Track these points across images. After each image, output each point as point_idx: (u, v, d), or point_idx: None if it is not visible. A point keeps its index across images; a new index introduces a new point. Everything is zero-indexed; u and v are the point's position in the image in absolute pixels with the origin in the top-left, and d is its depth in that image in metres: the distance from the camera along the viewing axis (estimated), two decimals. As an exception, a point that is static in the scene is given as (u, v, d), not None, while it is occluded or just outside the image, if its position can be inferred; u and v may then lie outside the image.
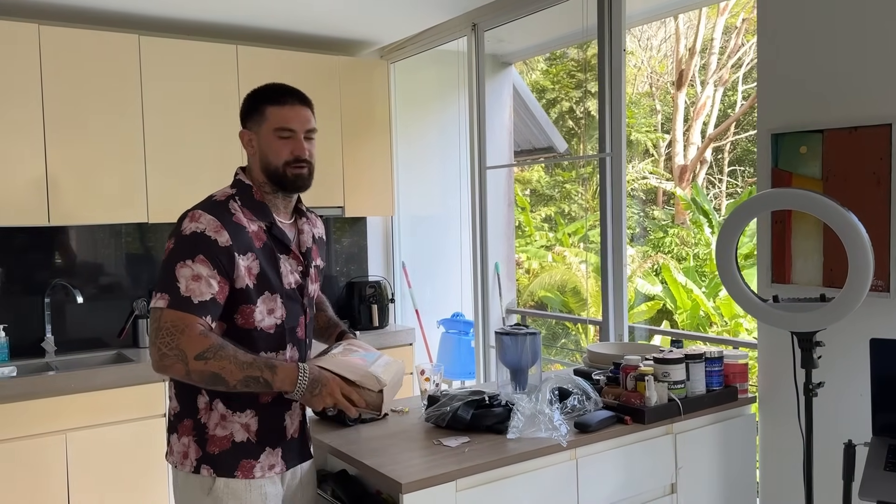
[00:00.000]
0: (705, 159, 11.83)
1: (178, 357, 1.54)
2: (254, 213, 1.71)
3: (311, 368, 1.65)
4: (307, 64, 4.02)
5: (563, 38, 4.38)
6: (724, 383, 2.33)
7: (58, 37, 3.35)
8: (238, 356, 1.57)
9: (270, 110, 1.71)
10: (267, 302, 1.68)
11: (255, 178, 1.76)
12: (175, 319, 1.56)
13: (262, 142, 1.72)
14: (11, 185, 3.27)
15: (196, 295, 1.57)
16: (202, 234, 1.60)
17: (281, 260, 1.73)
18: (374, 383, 1.69)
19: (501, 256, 4.54)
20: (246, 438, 1.68)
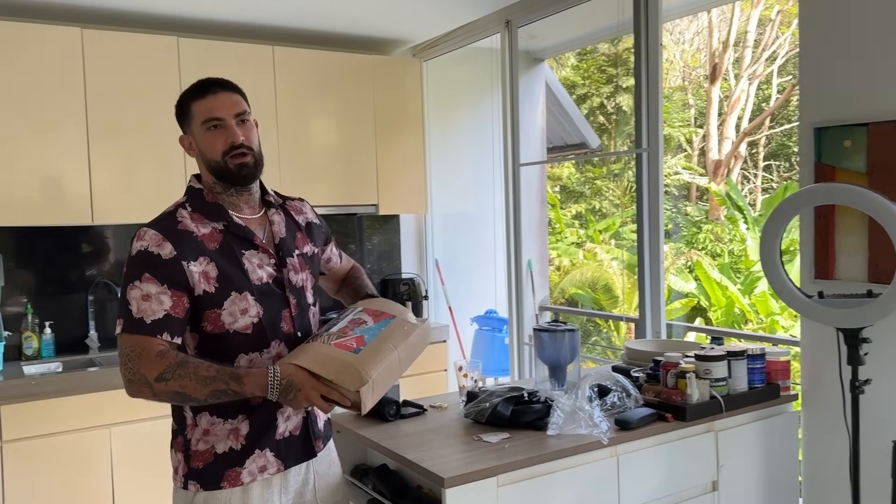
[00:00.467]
0: (740, 154, 11.66)
1: (142, 382, 1.50)
2: (206, 215, 1.64)
3: (285, 369, 1.53)
4: (341, 63, 4.06)
5: (597, 32, 4.35)
6: (766, 380, 2.31)
7: (100, 40, 3.42)
8: (199, 371, 1.50)
9: (194, 106, 1.64)
10: (236, 302, 1.61)
11: (205, 180, 1.69)
12: (133, 344, 1.52)
13: (198, 140, 1.65)
14: (56, 185, 3.35)
15: (148, 314, 1.52)
16: (146, 252, 1.55)
17: (245, 257, 1.65)
18: (352, 381, 1.51)
19: (534, 253, 4.53)
20: (229, 448, 1.63)
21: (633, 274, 8.78)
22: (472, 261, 4.78)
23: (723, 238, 10.44)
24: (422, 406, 2.25)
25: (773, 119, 12.16)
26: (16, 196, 3.27)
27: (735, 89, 11.59)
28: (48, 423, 3.12)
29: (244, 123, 1.66)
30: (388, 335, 1.64)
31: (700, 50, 12.88)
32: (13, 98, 3.25)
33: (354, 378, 1.51)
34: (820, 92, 2.33)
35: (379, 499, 1.96)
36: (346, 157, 4.09)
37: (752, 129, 11.82)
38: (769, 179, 12.43)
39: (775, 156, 12.48)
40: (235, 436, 1.63)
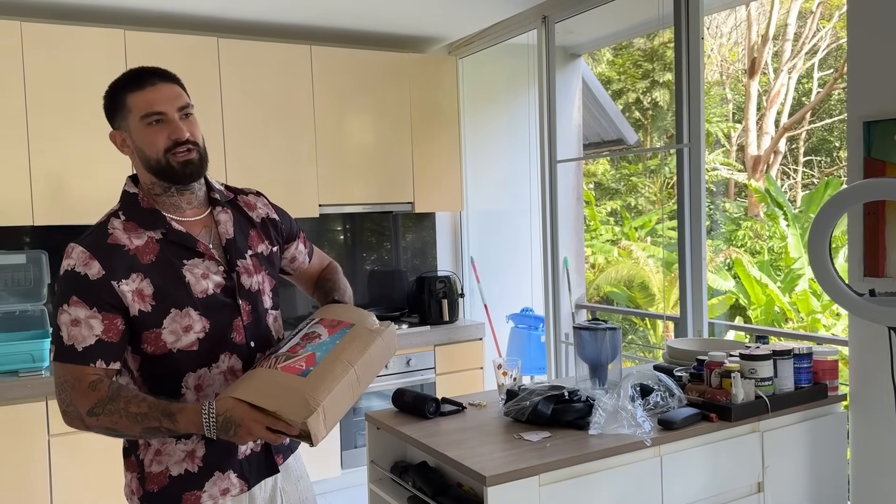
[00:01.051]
0: (779, 149, 11.44)
1: (75, 414, 1.40)
2: (142, 223, 1.50)
3: (221, 404, 1.38)
4: (378, 62, 4.07)
5: (636, 27, 4.30)
6: (813, 380, 2.26)
7: (142, 41, 3.48)
8: (130, 408, 1.38)
9: (131, 98, 1.49)
10: (177, 320, 1.46)
11: (142, 180, 1.54)
12: (65, 373, 1.41)
13: (135, 136, 1.49)
14: (100, 184, 3.42)
15: (79, 341, 1.40)
16: (72, 272, 1.43)
17: (186, 267, 1.50)
18: (297, 411, 1.34)
19: (570, 251, 4.50)
20: (185, 470, 1.51)
21: (670, 272, 8.69)
22: (508, 258, 4.76)
23: (762, 235, 10.26)
24: (461, 404, 2.24)
25: (814, 113, 11.91)
26: (61, 195, 3.34)
27: (774, 83, 11.38)
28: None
29: (188, 118, 1.52)
30: (343, 349, 1.46)
31: (738, 44, 12.66)
32: (58, 98, 3.32)
33: (301, 407, 1.34)
34: (869, 84, 2.27)
35: (419, 496, 1.96)
36: (381, 155, 4.10)
37: (792, 124, 11.60)
38: (810, 175, 12.19)
39: (816, 151, 12.24)
40: (191, 458, 1.51)
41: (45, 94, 3.29)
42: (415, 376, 4.00)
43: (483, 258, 4.75)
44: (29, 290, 3.46)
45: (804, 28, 11.33)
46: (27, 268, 3.47)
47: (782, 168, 11.94)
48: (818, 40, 11.42)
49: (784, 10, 11.06)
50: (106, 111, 1.55)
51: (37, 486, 3.09)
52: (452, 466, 1.83)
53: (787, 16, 11.06)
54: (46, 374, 3.16)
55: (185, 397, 1.50)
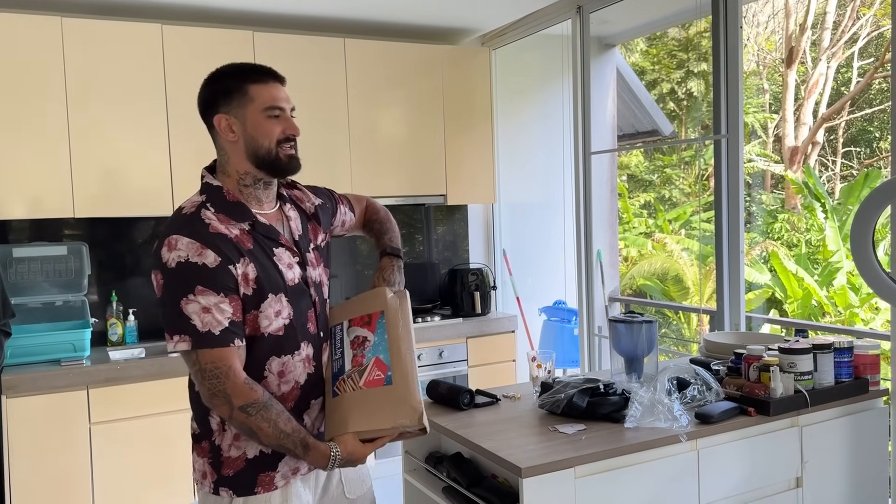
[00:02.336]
0: (817, 140, 11.21)
1: (225, 402, 1.47)
2: (230, 215, 1.56)
3: (343, 448, 1.53)
4: (411, 54, 4.07)
5: (672, 16, 4.24)
6: (853, 375, 2.21)
7: (179, 35, 3.52)
8: (279, 423, 1.49)
9: (255, 89, 1.57)
10: (272, 304, 1.55)
11: (233, 169, 1.60)
12: (213, 360, 1.47)
13: (249, 125, 1.57)
14: (139, 177, 3.48)
15: (215, 326, 1.46)
16: (188, 263, 1.46)
17: (277, 255, 1.59)
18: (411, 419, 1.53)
19: (604, 244, 4.46)
20: (259, 452, 1.58)
21: (705, 265, 8.57)
22: (540, 251, 4.74)
23: (799, 228, 10.07)
24: (495, 395, 2.24)
25: (854, 103, 11.65)
26: (101, 189, 3.41)
27: (813, 73, 11.14)
28: (133, 406, 3.25)
29: (294, 120, 1.63)
30: (397, 342, 1.59)
31: (775, 33, 12.42)
32: (98, 92, 3.38)
33: (411, 415, 1.53)
34: (916, 72, 2.21)
35: (454, 486, 1.97)
36: (414, 147, 4.11)
37: (831, 115, 11.35)
38: (848, 166, 11.94)
39: (855, 142, 11.98)
40: None
41: (86, 88, 3.35)
42: (447, 368, 4.01)
43: (515, 251, 4.73)
44: (70, 280, 3.54)
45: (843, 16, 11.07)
46: (68, 259, 3.55)
47: (820, 159, 11.70)
48: (858, 28, 11.16)
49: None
50: (213, 94, 1.60)
51: (78, 473, 3.16)
52: (487, 458, 1.83)
53: (826, 3, 10.82)
54: (87, 364, 3.23)
55: (268, 381, 1.57)
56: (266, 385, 1.56)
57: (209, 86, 1.62)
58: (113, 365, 3.24)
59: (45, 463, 3.11)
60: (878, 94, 11.60)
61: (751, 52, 12.39)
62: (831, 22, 11.01)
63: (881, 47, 11.14)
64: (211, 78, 1.63)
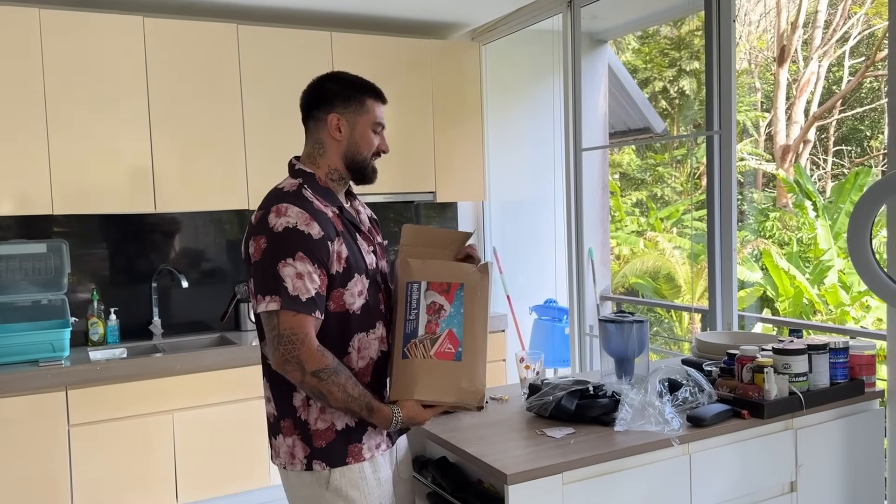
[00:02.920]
0: (809, 139, 11.20)
1: (298, 367, 1.57)
2: (324, 198, 1.70)
3: (406, 411, 1.66)
4: (399, 49, 4.00)
5: (664, 11, 4.19)
6: (849, 376, 2.16)
7: (161, 28, 3.45)
8: (347, 387, 1.59)
9: (373, 104, 1.75)
10: (357, 284, 1.67)
11: (325, 163, 1.75)
12: (293, 326, 1.56)
13: (358, 132, 1.73)
14: (120, 173, 3.40)
15: (303, 293, 1.57)
16: (295, 230, 1.58)
17: (359, 241, 1.73)
18: (473, 398, 1.66)
19: (595, 242, 4.41)
20: (345, 424, 1.67)
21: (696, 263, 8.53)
22: (531, 249, 4.69)
23: (790, 226, 10.06)
24: (482, 398, 2.18)
25: (845, 102, 11.66)
26: (81, 184, 3.33)
27: (804, 72, 11.13)
28: (114, 407, 3.18)
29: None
30: (472, 318, 1.68)
31: (766, 31, 12.41)
32: (77, 86, 3.30)
33: (475, 396, 1.65)
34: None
35: (439, 491, 1.91)
36: (403, 143, 4.04)
37: (822, 113, 11.35)
38: (840, 165, 11.94)
39: (846, 140, 11.99)
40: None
41: (64, 82, 3.27)
42: (436, 368, 3.94)
43: (506, 248, 4.67)
44: (49, 279, 3.46)
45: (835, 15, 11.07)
46: (48, 257, 3.47)
47: (812, 158, 11.70)
48: (849, 27, 11.16)
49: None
50: (335, 94, 1.74)
51: (57, 476, 3.09)
52: (472, 463, 1.77)
53: (818, 2, 10.82)
54: (67, 364, 3.15)
55: (350, 356, 1.68)
56: (348, 360, 1.67)
57: (331, 83, 1.76)
58: (93, 365, 3.17)
59: (22, 466, 3.03)
60: (869, 93, 11.61)
61: (742, 50, 12.37)
62: (823, 20, 11.01)
63: (872, 46, 11.15)
64: (335, 78, 1.77)
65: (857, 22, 11.18)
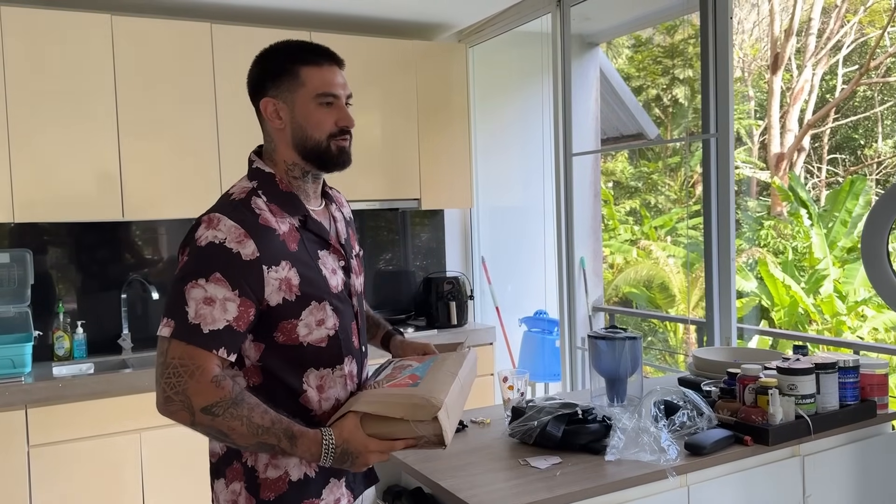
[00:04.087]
0: (803, 147, 11.11)
1: (184, 405, 1.26)
2: (282, 207, 1.41)
3: (339, 434, 1.32)
4: (382, 50, 3.85)
5: (658, 12, 4.04)
6: (860, 397, 2.00)
7: (130, 27, 3.28)
8: (253, 417, 1.28)
9: (307, 72, 1.40)
10: (314, 313, 1.39)
11: (280, 159, 1.45)
12: (183, 356, 1.26)
13: (299, 112, 1.41)
14: (86, 180, 3.22)
15: (207, 323, 1.27)
16: (221, 246, 1.30)
17: (320, 260, 1.43)
18: (425, 411, 1.31)
19: (587, 251, 4.25)
20: (304, 474, 1.40)
21: (691, 272, 8.40)
22: (521, 258, 4.53)
23: (785, 234, 9.94)
24: (462, 422, 2.01)
25: (839, 111, 11.59)
26: (44, 191, 3.15)
27: (798, 80, 11.05)
28: (77, 426, 3.00)
29: (349, 107, 1.47)
30: (441, 364, 1.48)
31: (760, 40, 12.34)
32: (39, 88, 3.13)
33: (426, 408, 1.31)
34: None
35: (413, 527, 1.73)
36: (387, 149, 3.88)
37: (816, 121, 11.27)
38: (834, 173, 11.87)
39: (840, 149, 11.92)
40: (308, 462, 1.41)
41: (26, 84, 3.10)
42: (420, 383, 3.77)
43: (495, 258, 4.51)
44: (12, 290, 3.28)
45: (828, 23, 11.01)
46: (11, 267, 3.29)
47: (806, 166, 11.62)
48: (843, 36, 11.10)
49: (808, 5, 10.76)
50: (262, 75, 1.44)
51: (15, 500, 2.90)
52: (448, 498, 1.60)
53: (811, 10, 10.75)
54: (28, 381, 2.97)
55: (308, 395, 1.41)
56: (306, 400, 1.41)
57: (258, 64, 1.45)
58: (55, 382, 2.99)
59: (-25, 491, 2.85)
60: (863, 102, 11.55)
61: (736, 58, 12.30)
62: (816, 29, 10.95)
63: (865, 54, 11.09)
64: (261, 56, 1.45)
65: (850, 30, 11.12)
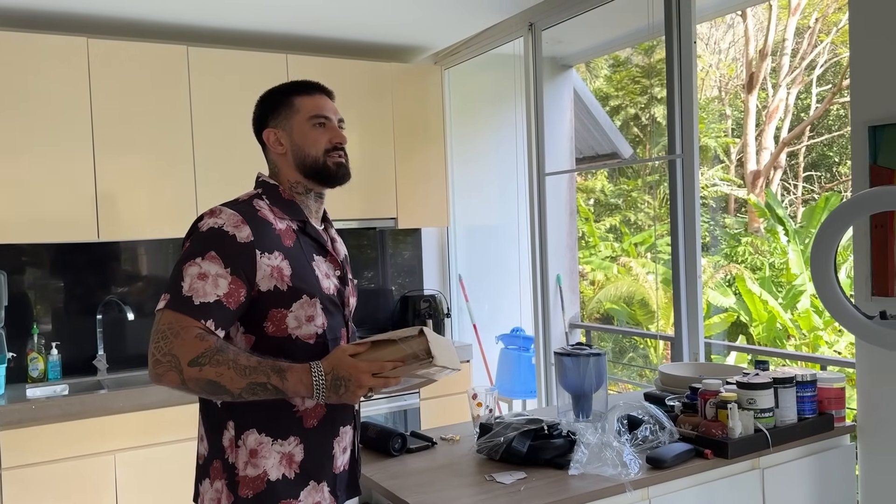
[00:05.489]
0: (779, 164, 11.29)
1: (171, 364, 1.34)
2: (283, 210, 1.55)
3: (327, 362, 1.39)
4: (359, 72, 3.90)
5: (627, 36, 4.14)
6: (817, 410, 2.05)
7: (106, 50, 3.31)
8: (239, 360, 1.35)
9: (300, 100, 1.59)
10: (304, 307, 1.47)
11: (285, 178, 1.60)
12: (172, 322, 1.36)
13: (296, 135, 1.58)
14: (62, 200, 3.24)
15: (198, 295, 1.37)
16: (219, 230, 1.42)
17: (316, 262, 1.54)
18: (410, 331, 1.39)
19: (564, 268, 4.31)
20: (282, 475, 1.45)
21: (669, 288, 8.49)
22: (498, 276, 4.57)
23: (762, 251, 10.07)
24: (431, 439, 2.04)
25: (813, 129, 11.79)
26: (20, 212, 3.16)
27: (773, 99, 11.25)
28: (50, 449, 2.98)
29: (343, 129, 1.64)
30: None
31: (736, 60, 12.56)
32: (17, 110, 3.15)
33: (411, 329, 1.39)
34: (875, 86, 2.09)
35: (381, 544, 1.76)
36: (364, 168, 3.92)
37: (792, 139, 11.46)
38: (810, 190, 12.04)
39: (815, 166, 12.11)
40: (289, 461, 1.46)
41: (2, 105, 3.11)
42: (397, 402, 3.79)
43: (472, 276, 4.55)
44: (-14, 312, 3.27)
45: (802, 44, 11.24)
46: (-15, 288, 3.28)
47: (782, 183, 11.80)
48: (816, 55, 11.33)
49: (782, 25, 10.98)
50: (263, 111, 1.62)
51: (-14, 523, 2.88)
52: (414, 514, 1.63)
53: (785, 31, 10.97)
54: (1, 403, 2.96)
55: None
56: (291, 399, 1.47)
57: (259, 105, 1.64)
58: (28, 404, 2.98)
59: (-54, 515, 2.82)
60: (837, 120, 11.76)
61: (713, 77, 12.50)
62: (790, 49, 11.16)
63: (838, 74, 11.32)
64: (260, 98, 1.65)
65: (823, 50, 11.34)
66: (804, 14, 10.94)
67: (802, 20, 11.07)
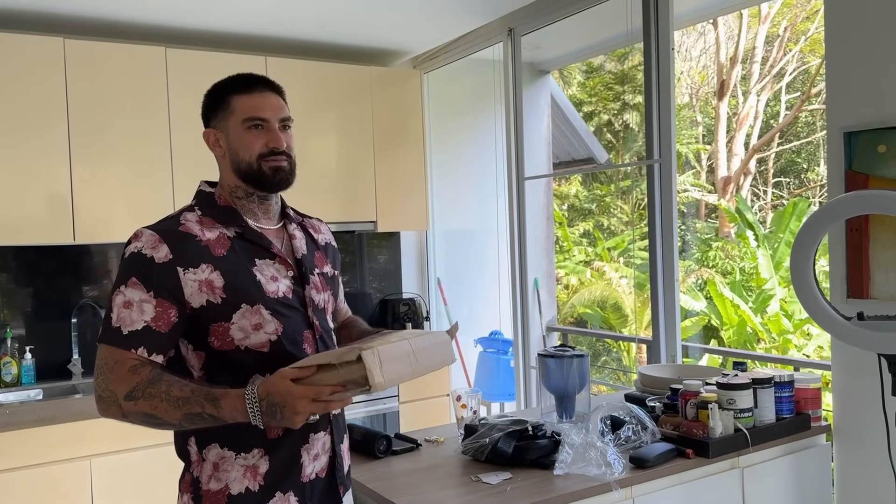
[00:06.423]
0: (749, 170, 11.49)
1: (111, 399, 1.32)
2: (217, 219, 1.48)
3: (262, 387, 1.29)
4: (338, 75, 3.90)
5: (605, 42, 4.18)
6: (795, 410, 2.10)
7: (83, 51, 3.27)
8: (172, 391, 1.30)
9: (237, 100, 1.48)
10: (247, 316, 1.41)
11: (225, 183, 1.53)
12: (106, 356, 1.34)
13: (232, 138, 1.49)
14: (37, 202, 3.19)
15: (126, 324, 1.34)
16: (138, 254, 1.38)
17: (257, 267, 1.46)
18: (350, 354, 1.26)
19: (541, 272, 4.33)
20: (245, 488, 1.41)
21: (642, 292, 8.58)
22: (476, 279, 4.59)
23: (733, 255, 10.23)
24: (415, 441, 2.05)
25: (782, 136, 12.00)
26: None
27: (743, 106, 11.44)
28: (24, 454, 2.93)
29: (286, 130, 1.53)
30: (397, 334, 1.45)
31: (707, 67, 12.75)
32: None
33: (352, 351, 1.27)
34: (850, 93, 2.14)
35: (367, 546, 1.76)
36: (343, 172, 3.92)
37: (761, 146, 11.66)
38: (779, 196, 12.25)
39: (785, 172, 12.32)
40: (253, 474, 1.42)
41: (-25, 105, 3.07)
42: (377, 405, 3.79)
43: (451, 279, 4.56)
44: (-43, 316, 3.21)
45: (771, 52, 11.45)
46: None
47: (752, 189, 11.99)
48: (785, 64, 11.55)
49: (752, 34, 11.18)
50: (205, 109, 1.55)
51: (-43, 531, 2.82)
52: (401, 515, 1.63)
53: (755, 39, 11.17)
54: (-27, 409, 2.91)
55: None
56: None
57: (203, 101, 1.56)
58: (1, 409, 2.93)
59: (-85, 523, 2.76)
60: (805, 127, 11.99)
61: (684, 84, 12.67)
62: (760, 57, 11.36)
63: (807, 82, 11.55)
64: (205, 94, 1.56)
65: (792, 58, 11.57)
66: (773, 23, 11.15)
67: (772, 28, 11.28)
